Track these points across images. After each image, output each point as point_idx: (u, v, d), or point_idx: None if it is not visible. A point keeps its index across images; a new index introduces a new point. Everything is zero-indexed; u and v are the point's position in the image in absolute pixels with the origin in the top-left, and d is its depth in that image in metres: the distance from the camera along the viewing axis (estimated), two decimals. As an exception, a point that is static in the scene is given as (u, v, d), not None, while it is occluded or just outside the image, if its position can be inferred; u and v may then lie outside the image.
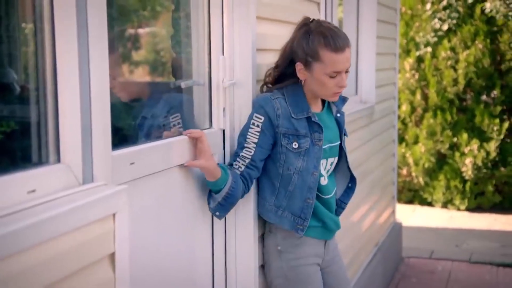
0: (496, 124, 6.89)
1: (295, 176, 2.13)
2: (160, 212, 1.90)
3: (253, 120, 2.11)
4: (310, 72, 2.10)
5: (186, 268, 2.07)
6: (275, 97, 2.12)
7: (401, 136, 7.44)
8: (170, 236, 1.96)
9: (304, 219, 2.14)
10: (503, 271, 4.75)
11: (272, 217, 2.18)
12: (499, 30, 7.00)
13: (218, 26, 2.18)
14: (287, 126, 2.11)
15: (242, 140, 2.14)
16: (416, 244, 5.60)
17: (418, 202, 7.47)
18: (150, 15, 2.55)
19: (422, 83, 7.31)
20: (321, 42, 2.06)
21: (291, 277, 2.19)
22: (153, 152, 1.84)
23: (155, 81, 2.28)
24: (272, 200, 2.17)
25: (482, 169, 6.93)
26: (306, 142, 2.13)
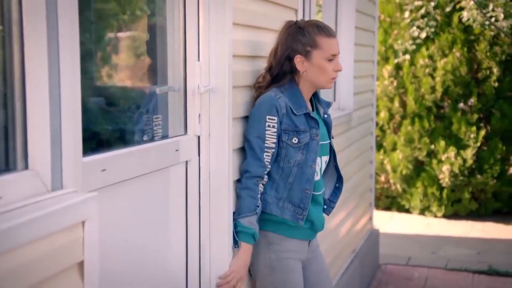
0: (473, 132, 6.96)
1: (294, 168, 2.28)
2: (134, 217, 1.87)
3: (267, 122, 2.24)
4: (310, 61, 2.28)
5: (161, 271, 2.05)
6: (278, 97, 2.27)
7: (379, 143, 7.48)
8: (144, 242, 1.93)
9: (303, 208, 2.28)
10: (479, 278, 4.78)
11: (274, 209, 2.28)
12: (476, 38, 7.08)
13: (193, 32, 2.17)
14: (288, 123, 2.27)
15: (261, 143, 2.25)
16: (393, 251, 5.62)
17: (395, 209, 7.50)
18: (129, 19, 2.53)
19: (400, 90, 7.35)
20: (316, 31, 2.28)
21: (277, 267, 2.30)
22: (126, 158, 1.81)
23: (130, 86, 2.26)
24: (272, 193, 2.29)
25: (459, 177, 6.98)
26: (306, 137, 2.28)
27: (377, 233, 5.28)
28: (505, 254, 5.66)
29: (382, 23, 7.52)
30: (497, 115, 7.03)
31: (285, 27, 2.34)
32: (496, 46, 6.99)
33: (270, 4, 2.70)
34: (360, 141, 4.70)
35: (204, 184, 2.24)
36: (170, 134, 2.17)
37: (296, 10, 3.02)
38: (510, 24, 6.43)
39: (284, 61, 2.30)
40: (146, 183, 1.94)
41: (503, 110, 7.02)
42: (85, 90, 1.99)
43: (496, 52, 6.97)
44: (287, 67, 2.30)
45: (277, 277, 2.30)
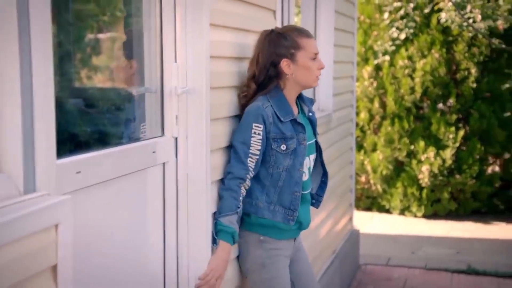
0: (452, 132, 7.01)
1: (283, 173, 2.38)
2: (110, 220, 1.85)
3: (254, 130, 2.31)
4: (296, 63, 2.39)
5: (138, 272, 2.03)
6: (265, 106, 2.34)
7: (359, 143, 7.51)
8: (120, 244, 1.92)
9: (293, 210, 2.40)
10: (457, 278, 4.82)
11: (266, 213, 2.37)
12: (455, 40, 7.14)
13: (170, 33, 2.16)
14: (275, 131, 2.36)
15: (245, 148, 2.32)
16: (374, 251, 5.64)
17: (376, 209, 7.54)
18: (106, 20, 2.51)
19: (380, 91, 7.39)
20: (296, 34, 2.41)
21: (268, 264, 2.40)
22: (102, 160, 1.80)
23: (106, 87, 2.24)
24: (263, 197, 2.38)
25: (438, 177, 7.04)
26: (293, 143, 2.38)
27: (357, 234, 5.30)
28: (483, 253, 5.71)
29: (361, 24, 7.55)
30: (475, 116, 7.09)
31: (263, 36, 2.43)
32: (474, 47, 7.06)
33: (248, 5, 2.70)
34: (340, 142, 4.71)
35: (182, 185, 2.23)
36: (147, 136, 2.16)
37: (274, 11, 3.02)
38: (488, 26, 6.50)
39: (269, 67, 2.38)
40: (123, 185, 1.92)
41: (481, 111, 7.09)
42: (61, 91, 1.97)
43: (474, 53, 7.04)
44: (273, 73, 2.39)
45: (268, 274, 2.39)
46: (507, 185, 7.43)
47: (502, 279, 4.75)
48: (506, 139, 7.19)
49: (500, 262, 5.30)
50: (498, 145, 7.20)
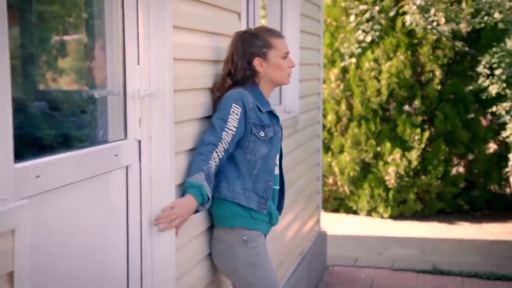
0: (417, 134, 7.10)
1: (259, 161, 2.48)
2: (71, 224, 1.83)
3: (232, 109, 2.41)
4: (268, 62, 2.54)
5: (101, 277, 2.01)
6: (245, 93, 2.47)
7: (327, 145, 7.55)
8: (82, 249, 1.89)
9: (266, 199, 2.49)
10: (423, 278, 4.87)
11: (242, 199, 2.45)
12: (419, 42, 7.23)
13: (133, 35, 2.14)
14: (255, 118, 2.47)
15: (222, 123, 2.39)
16: (341, 253, 5.68)
17: (343, 211, 7.59)
18: (69, 22, 2.48)
19: (347, 93, 7.45)
20: (267, 34, 2.57)
21: (258, 261, 2.47)
22: (63, 164, 1.77)
23: (68, 90, 2.21)
24: (239, 183, 2.45)
25: (404, 178, 7.12)
26: (270, 132, 2.51)
27: (324, 235, 5.33)
28: (448, 253, 5.79)
29: (328, 26, 7.60)
30: (440, 117, 7.19)
31: (237, 36, 2.58)
32: (438, 49, 7.16)
33: (213, 7, 2.69)
34: (307, 144, 4.73)
35: (145, 188, 2.21)
36: (109, 139, 2.14)
37: (239, 13, 3.02)
38: (451, 29, 6.61)
39: (245, 66, 2.52)
40: (85, 189, 1.90)
41: (446, 112, 7.19)
42: (21, 94, 1.94)
43: (438, 55, 7.14)
44: (248, 71, 2.53)
45: (260, 270, 2.47)
46: (471, 185, 7.56)
47: (466, 279, 4.82)
48: (469, 140, 7.31)
49: (464, 261, 5.38)
50: (462, 146, 7.31)
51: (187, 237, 2.41)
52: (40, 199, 1.65)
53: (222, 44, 2.82)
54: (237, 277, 2.50)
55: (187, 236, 2.41)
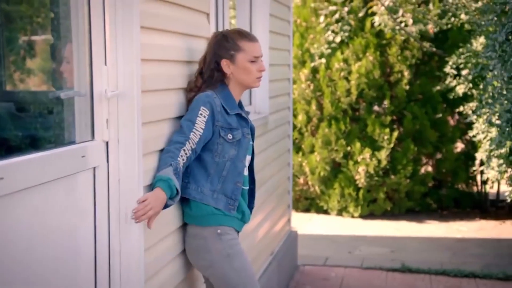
0: (386, 134, 7.17)
1: (228, 163, 2.54)
2: (37, 226, 1.81)
3: (200, 111, 2.47)
4: (235, 64, 2.57)
5: (68, 278, 1.99)
6: (214, 96, 2.53)
7: (298, 145, 7.59)
8: (48, 251, 1.88)
9: (234, 199, 2.55)
10: (392, 276, 4.93)
11: (210, 201, 2.50)
12: (388, 43, 7.31)
13: (99, 35, 2.12)
14: (222, 121, 2.52)
15: (190, 124, 2.44)
16: (311, 252, 5.71)
17: (314, 210, 7.63)
18: (35, 22, 2.46)
19: (317, 93, 7.49)
20: (238, 36, 2.60)
21: (232, 253, 2.53)
22: (27, 165, 1.75)
23: (34, 90, 2.19)
24: (207, 185, 2.51)
25: (374, 177, 7.18)
26: (238, 134, 2.56)
27: (295, 235, 5.35)
28: (417, 251, 5.86)
29: (298, 27, 7.64)
30: (408, 117, 7.28)
31: (213, 37, 2.65)
32: (406, 50, 7.24)
33: (181, 8, 2.69)
34: (277, 144, 4.75)
35: (113, 190, 2.20)
36: (76, 140, 2.12)
37: (208, 14, 3.02)
38: (419, 29, 6.69)
39: (213, 66, 2.58)
40: (51, 190, 1.88)
41: (414, 112, 7.28)
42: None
43: (407, 56, 7.22)
44: (216, 71, 2.58)
45: (236, 261, 2.52)
46: (439, 184, 7.66)
47: (434, 276, 4.89)
48: (438, 139, 7.41)
49: (433, 259, 5.46)
50: (431, 146, 7.41)
51: (156, 237, 2.40)
52: (4, 201, 1.63)
53: (191, 44, 2.82)
54: (213, 271, 2.54)
55: (156, 236, 2.40)
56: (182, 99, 2.68)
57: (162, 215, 2.47)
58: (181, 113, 2.66)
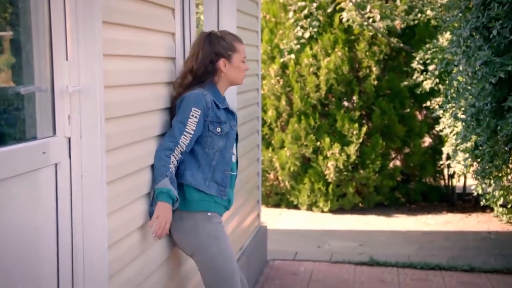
0: (355, 129, 7.23)
1: (217, 154, 2.77)
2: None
3: (192, 112, 2.68)
4: (231, 63, 2.84)
5: (29, 275, 1.97)
6: (205, 94, 2.75)
7: (268, 141, 7.61)
8: (8, 248, 1.86)
9: (224, 186, 2.79)
10: (360, 269, 4.98)
11: (203, 187, 2.73)
12: (356, 38, 7.36)
13: (60, 30, 2.10)
14: (212, 115, 2.75)
15: (182, 127, 2.67)
16: (281, 247, 5.74)
17: (285, 205, 7.66)
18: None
19: (287, 89, 7.52)
20: (233, 38, 2.88)
21: (219, 235, 2.76)
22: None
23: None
24: (199, 174, 2.74)
25: (343, 172, 7.24)
26: (226, 127, 2.79)
27: (265, 230, 5.37)
28: (385, 245, 5.93)
29: (267, 23, 7.65)
30: (377, 112, 7.34)
31: (203, 36, 2.86)
32: (374, 46, 7.30)
33: (146, 3, 2.68)
34: (246, 139, 4.75)
35: (76, 186, 2.18)
36: (37, 136, 2.10)
37: (173, 9, 3.01)
38: (386, 25, 6.76)
39: (208, 64, 2.80)
40: (11, 187, 1.86)
41: (383, 108, 7.35)
42: None
43: (375, 51, 7.29)
44: (210, 69, 2.80)
45: (221, 243, 2.74)
46: (407, 178, 7.75)
47: (401, 269, 4.96)
48: (406, 134, 7.49)
49: (400, 252, 5.53)
50: (399, 140, 7.49)
51: (120, 234, 2.40)
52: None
53: (156, 39, 2.81)
54: (200, 252, 2.74)
55: (120, 233, 2.39)
56: (147, 94, 2.67)
57: (127, 212, 2.46)
58: (146, 109, 2.65)
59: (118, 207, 2.37)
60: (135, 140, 2.54)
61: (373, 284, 4.62)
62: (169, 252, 2.94)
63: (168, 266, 2.93)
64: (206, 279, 2.78)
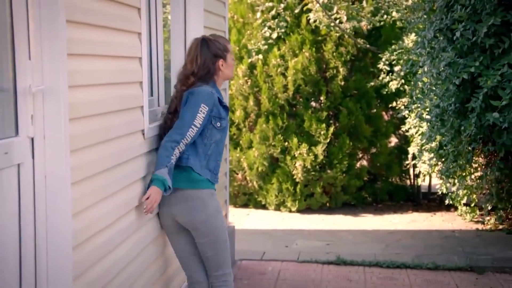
0: (322, 129, 7.28)
1: (213, 145, 3.15)
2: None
3: (201, 108, 3.03)
4: (227, 62, 3.22)
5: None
6: (213, 92, 3.11)
7: (236, 141, 7.61)
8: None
9: (215, 173, 3.19)
10: (327, 268, 5.02)
11: (202, 172, 3.11)
12: (323, 39, 7.41)
13: (23, 28, 2.07)
14: (216, 111, 3.11)
15: (190, 121, 3.01)
16: (249, 247, 5.74)
17: (253, 206, 7.68)
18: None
19: (254, 89, 7.53)
20: (224, 40, 3.26)
21: (220, 211, 3.18)
22: None
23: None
24: (197, 161, 3.10)
25: (311, 172, 7.28)
26: (225, 123, 3.18)
27: (232, 230, 5.36)
28: (352, 244, 5.99)
29: (235, 23, 7.65)
30: (344, 113, 7.40)
31: (198, 42, 3.21)
32: (341, 46, 7.36)
33: (110, 2, 2.65)
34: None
35: (40, 187, 2.16)
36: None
37: (139, 8, 2.99)
38: (353, 26, 6.82)
39: (210, 65, 3.15)
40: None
41: (350, 108, 7.41)
42: None
43: (342, 52, 7.34)
44: (212, 70, 3.16)
45: (222, 217, 3.17)
46: (374, 178, 7.84)
47: (368, 268, 5.00)
48: (372, 134, 7.57)
49: (367, 251, 5.58)
50: (366, 140, 7.56)
51: (85, 234, 2.37)
52: None
53: (122, 39, 2.79)
54: (207, 223, 3.09)
55: (85, 233, 2.37)
56: (112, 94, 2.65)
57: (93, 212, 2.44)
58: (111, 109, 2.64)
59: (83, 207, 2.35)
60: (100, 140, 2.52)
61: (340, 283, 4.66)
62: (137, 252, 2.93)
63: (135, 266, 2.92)
64: (208, 249, 3.14)
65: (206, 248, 3.15)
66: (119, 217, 2.71)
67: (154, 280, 3.23)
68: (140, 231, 2.99)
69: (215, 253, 3.15)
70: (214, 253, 3.15)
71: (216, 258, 3.17)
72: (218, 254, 3.16)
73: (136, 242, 2.92)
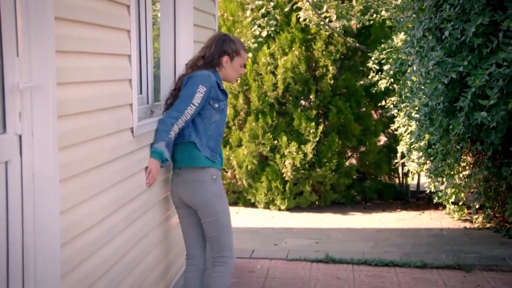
0: (312, 127, 7.29)
1: (213, 125, 3.33)
2: None
3: (199, 89, 3.23)
4: (232, 63, 3.41)
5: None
6: (211, 74, 3.31)
7: (225, 139, 7.61)
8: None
9: (216, 152, 3.33)
10: (316, 267, 5.03)
11: (202, 149, 3.26)
12: (313, 38, 7.42)
13: (11, 25, 2.06)
14: (214, 93, 3.30)
15: (189, 99, 3.21)
16: (238, 245, 5.71)
17: (242, 204, 7.68)
18: None
19: (244, 87, 7.53)
20: (240, 44, 3.46)
21: (222, 195, 3.32)
22: None
23: None
24: (198, 139, 3.28)
25: (300, 170, 7.29)
26: (222, 105, 3.36)
27: (221, 228, 5.37)
28: (341, 242, 6.00)
29: (225, 21, 7.65)
30: (333, 111, 7.42)
31: (219, 35, 3.47)
32: (331, 45, 7.38)
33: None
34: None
35: (27, 184, 2.14)
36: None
37: (128, 6, 2.98)
38: (342, 25, 6.84)
39: (215, 55, 3.38)
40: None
41: (339, 107, 7.43)
42: None
43: (331, 51, 7.36)
44: (216, 60, 3.39)
45: (224, 202, 3.31)
46: (363, 177, 7.86)
47: (356, 266, 5.01)
48: (361, 133, 7.59)
49: (355, 249, 5.60)
50: (355, 139, 7.59)
51: (74, 232, 2.36)
52: None
53: (111, 36, 2.78)
54: (207, 207, 3.25)
55: (74, 231, 2.36)
56: (101, 92, 2.64)
57: (81, 210, 2.43)
58: (100, 106, 2.62)
59: (72, 205, 2.34)
60: (89, 137, 2.51)
61: (328, 281, 4.67)
62: (126, 250, 2.92)
63: (124, 264, 2.91)
64: (210, 230, 3.28)
65: (208, 229, 3.31)
66: (108, 215, 2.70)
67: (143, 278, 3.22)
68: (129, 229, 2.98)
69: (217, 235, 3.30)
70: (216, 235, 3.30)
71: (217, 240, 3.30)
72: (220, 237, 3.30)
73: (125, 240, 2.91)
